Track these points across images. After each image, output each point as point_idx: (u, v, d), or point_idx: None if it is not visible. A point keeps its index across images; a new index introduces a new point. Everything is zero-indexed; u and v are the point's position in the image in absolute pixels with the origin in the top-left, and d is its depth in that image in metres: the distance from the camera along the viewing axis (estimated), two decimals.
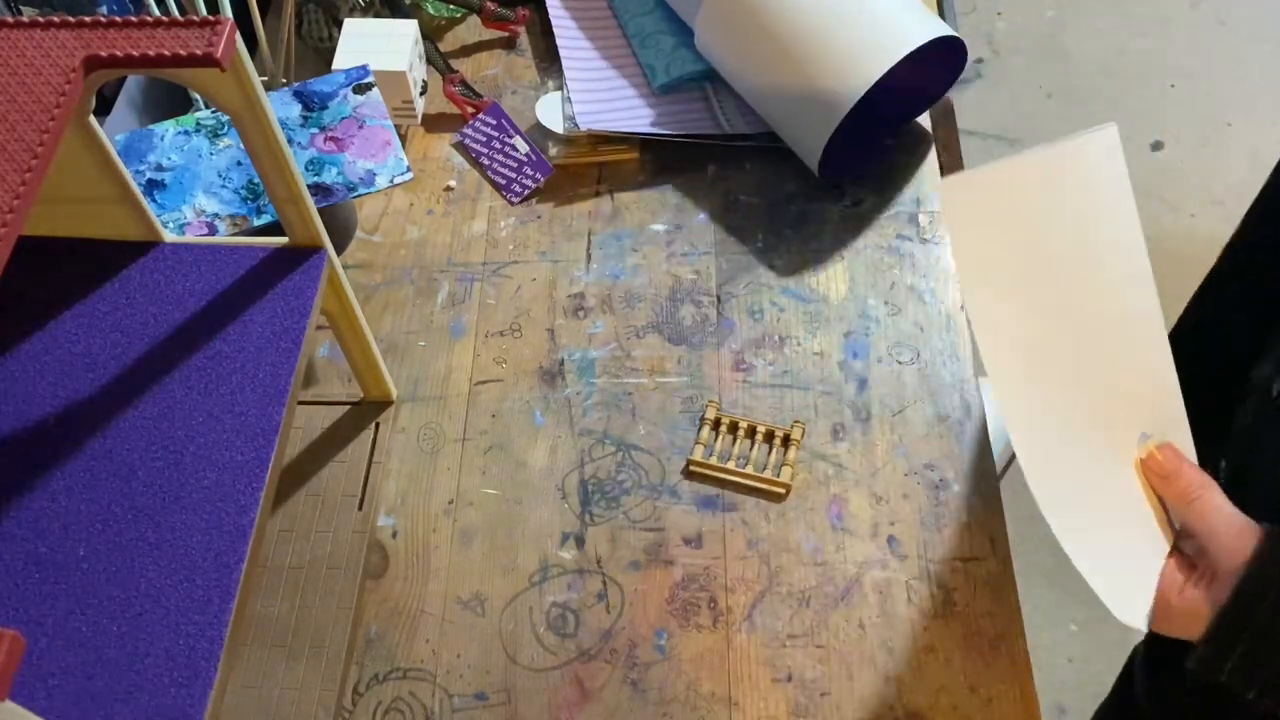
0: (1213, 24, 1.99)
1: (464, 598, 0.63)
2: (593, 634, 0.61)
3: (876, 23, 0.71)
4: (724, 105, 0.83)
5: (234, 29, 0.45)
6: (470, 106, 0.84)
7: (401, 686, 0.60)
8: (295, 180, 0.52)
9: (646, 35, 0.86)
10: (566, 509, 0.66)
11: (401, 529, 0.65)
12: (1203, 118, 1.86)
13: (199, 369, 0.53)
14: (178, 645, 0.45)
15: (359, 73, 0.71)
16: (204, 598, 0.47)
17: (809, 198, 0.79)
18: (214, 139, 0.68)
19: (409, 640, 0.61)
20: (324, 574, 0.63)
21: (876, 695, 0.58)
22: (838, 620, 0.61)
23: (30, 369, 0.53)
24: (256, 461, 0.50)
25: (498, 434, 0.69)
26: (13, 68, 0.43)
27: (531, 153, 0.81)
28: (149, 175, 0.66)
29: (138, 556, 0.47)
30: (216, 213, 0.65)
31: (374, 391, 0.69)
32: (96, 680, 0.44)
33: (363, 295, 0.75)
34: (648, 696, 0.59)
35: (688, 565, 0.63)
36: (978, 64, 1.94)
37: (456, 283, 0.76)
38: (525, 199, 0.80)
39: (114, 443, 0.51)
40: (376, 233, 0.79)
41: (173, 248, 0.57)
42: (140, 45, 0.44)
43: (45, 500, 0.49)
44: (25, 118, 0.41)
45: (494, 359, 0.72)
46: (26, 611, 0.46)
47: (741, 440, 0.67)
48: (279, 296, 0.55)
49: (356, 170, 0.68)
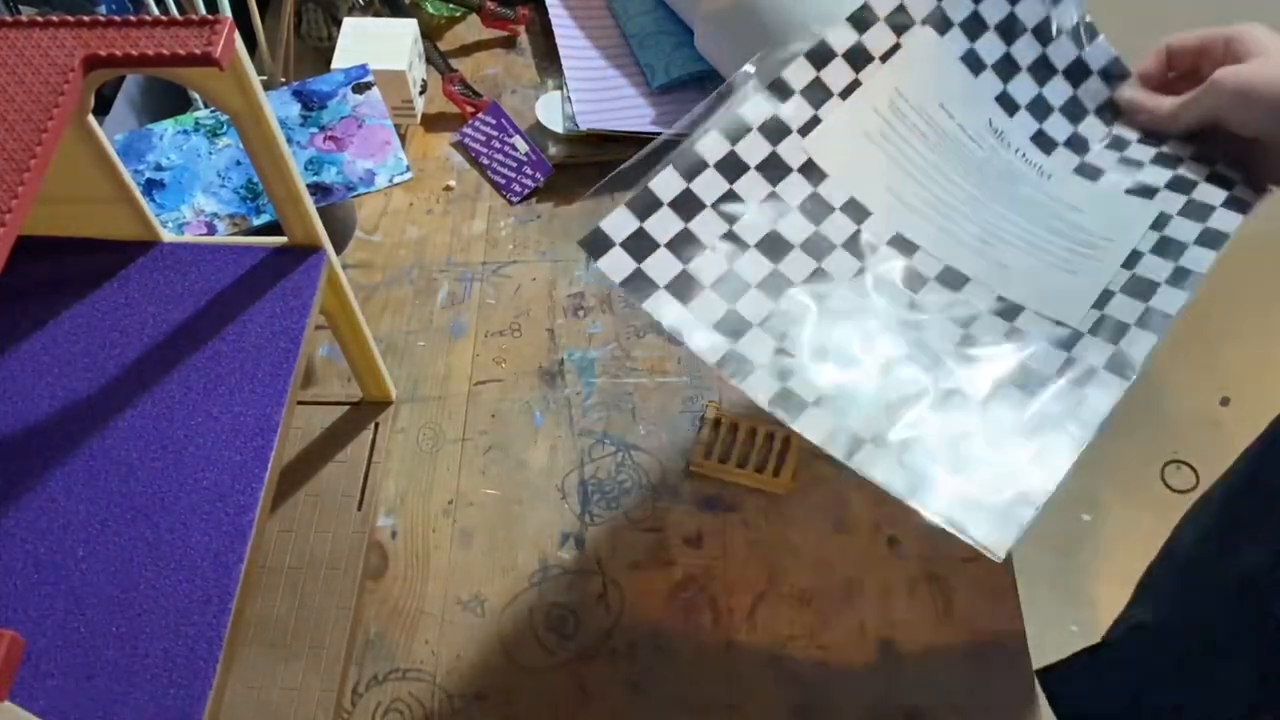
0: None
1: (464, 598, 0.63)
2: (593, 634, 0.61)
3: None
4: None
5: (233, 28, 0.45)
6: (470, 106, 0.84)
7: (401, 687, 0.60)
8: (294, 180, 0.52)
9: (646, 35, 0.86)
10: (566, 509, 0.66)
11: (401, 529, 0.65)
12: None
13: (198, 369, 0.53)
14: (177, 645, 0.45)
15: (358, 72, 0.71)
16: (203, 598, 0.46)
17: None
18: (213, 138, 0.68)
19: (408, 641, 0.61)
20: (323, 574, 0.63)
21: (876, 696, 0.58)
22: (838, 620, 0.61)
23: (29, 369, 0.53)
24: (256, 461, 0.50)
25: (497, 434, 0.69)
26: (11, 67, 0.43)
27: (531, 152, 0.81)
28: (148, 175, 0.66)
29: (137, 557, 0.47)
30: (215, 212, 0.65)
31: (373, 391, 0.69)
32: (96, 680, 0.44)
33: (362, 295, 0.75)
34: (648, 697, 0.59)
35: (688, 565, 0.63)
36: None
37: (456, 282, 0.76)
38: (525, 199, 0.80)
39: (113, 443, 0.51)
40: (376, 232, 0.79)
41: (171, 247, 0.57)
42: (139, 45, 0.44)
43: (44, 500, 0.49)
44: (24, 117, 0.41)
45: (494, 359, 0.72)
46: (26, 611, 0.46)
47: (742, 440, 0.67)
48: (278, 296, 0.55)
49: (356, 170, 0.67)
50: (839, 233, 0.55)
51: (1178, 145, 0.61)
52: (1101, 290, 0.54)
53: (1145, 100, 0.62)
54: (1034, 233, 0.57)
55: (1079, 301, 0.54)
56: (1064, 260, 0.56)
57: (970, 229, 0.57)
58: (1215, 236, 0.55)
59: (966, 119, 0.61)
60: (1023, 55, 0.63)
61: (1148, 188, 0.59)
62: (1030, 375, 0.50)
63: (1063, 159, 0.62)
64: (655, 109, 0.82)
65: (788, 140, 0.57)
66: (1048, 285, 0.55)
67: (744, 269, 0.53)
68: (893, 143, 0.59)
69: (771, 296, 0.53)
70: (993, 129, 0.61)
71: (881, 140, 0.58)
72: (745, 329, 0.51)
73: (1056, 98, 0.63)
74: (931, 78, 0.61)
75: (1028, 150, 0.62)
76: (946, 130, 0.60)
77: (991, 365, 0.51)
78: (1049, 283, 0.55)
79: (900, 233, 0.56)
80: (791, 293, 0.53)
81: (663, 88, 0.83)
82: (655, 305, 0.51)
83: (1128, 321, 0.52)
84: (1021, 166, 0.61)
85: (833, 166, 0.57)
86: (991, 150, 0.60)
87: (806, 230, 0.55)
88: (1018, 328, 0.53)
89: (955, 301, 0.54)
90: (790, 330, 0.52)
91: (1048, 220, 0.58)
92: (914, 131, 0.59)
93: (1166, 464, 1.52)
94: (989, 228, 0.57)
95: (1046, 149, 0.62)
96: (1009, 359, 0.51)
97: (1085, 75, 0.64)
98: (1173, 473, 1.51)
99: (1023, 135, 0.62)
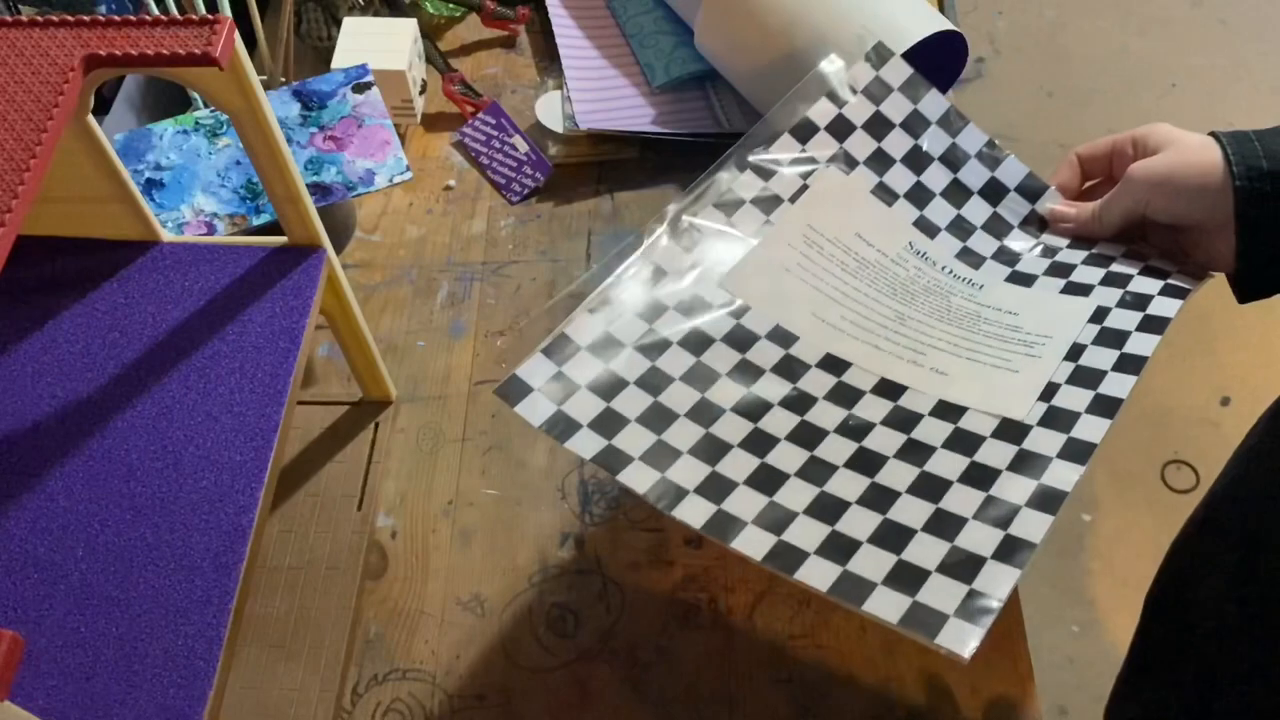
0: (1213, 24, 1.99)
1: (463, 598, 0.63)
2: (593, 634, 0.61)
3: (878, 18, 0.71)
4: (724, 105, 0.83)
5: (233, 28, 0.45)
6: (470, 106, 0.84)
7: (400, 687, 0.60)
8: (294, 180, 0.52)
9: (646, 35, 0.86)
10: (566, 509, 0.66)
11: (401, 529, 0.65)
12: (1203, 118, 1.85)
13: (198, 369, 0.53)
14: (177, 645, 0.45)
15: (358, 72, 0.71)
16: (203, 598, 0.46)
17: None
18: (213, 138, 0.68)
19: (408, 641, 0.61)
20: (323, 574, 0.63)
21: (877, 696, 0.58)
22: (838, 621, 0.61)
23: (28, 368, 0.53)
24: (255, 461, 0.50)
25: (497, 434, 0.69)
26: (11, 67, 0.43)
27: (531, 152, 0.81)
28: (147, 174, 0.66)
29: (137, 557, 0.47)
30: (215, 212, 0.65)
31: (373, 391, 0.69)
32: (96, 680, 0.44)
33: (362, 295, 0.75)
34: (648, 697, 0.59)
35: (688, 566, 0.63)
36: (978, 63, 1.94)
37: (456, 282, 0.76)
38: (525, 198, 0.80)
39: (113, 443, 0.50)
40: (376, 232, 0.79)
41: (171, 247, 0.57)
42: (139, 44, 0.44)
43: (44, 500, 0.49)
44: (24, 117, 0.41)
45: (494, 359, 0.72)
46: (26, 611, 0.46)
47: None
48: (278, 296, 0.55)
49: (355, 169, 0.67)
50: (766, 359, 0.56)
51: (1108, 246, 0.61)
52: (1046, 383, 0.53)
53: (1067, 209, 0.63)
54: (970, 339, 0.57)
55: (1024, 396, 0.53)
56: (1004, 360, 0.55)
57: (902, 343, 0.57)
58: (1157, 323, 0.55)
59: (886, 245, 0.61)
60: (934, 182, 0.64)
61: (1082, 286, 0.59)
62: (983, 470, 0.49)
63: (992, 270, 0.62)
64: (655, 109, 0.82)
65: (705, 280, 0.58)
66: (990, 385, 0.54)
67: (671, 400, 0.53)
68: (811, 273, 0.59)
69: (701, 423, 0.52)
70: (914, 250, 0.61)
71: (800, 271, 0.59)
72: (674, 458, 0.51)
73: (976, 217, 0.64)
74: (844, 211, 0.62)
75: (955, 266, 0.62)
76: (866, 257, 0.60)
77: (939, 464, 0.50)
78: (991, 383, 0.54)
79: (830, 353, 0.56)
80: (722, 419, 0.53)
81: (663, 88, 0.83)
82: (579, 444, 0.50)
83: (1078, 410, 0.51)
84: (950, 281, 0.61)
85: (754, 299, 0.58)
86: (917, 270, 0.60)
87: (733, 358, 0.55)
88: (963, 427, 0.52)
89: (895, 408, 0.54)
90: (721, 454, 0.51)
91: (983, 326, 0.58)
92: (832, 261, 0.60)
93: (1166, 464, 1.52)
94: (921, 340, 0.57)
95: (975, 264, 0.62)
96: (958, 459, 0.51)
97: (1003, 193, 0.65)
98: (1173, 473, 1.51)
99: (947, 254, 0.62)
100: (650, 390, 0.53)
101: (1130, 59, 1.95)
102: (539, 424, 0.51)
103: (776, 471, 0.51)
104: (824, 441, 0.52)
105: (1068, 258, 0.61)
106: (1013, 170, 0.65)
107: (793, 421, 0.53)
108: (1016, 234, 0.64)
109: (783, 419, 0.53)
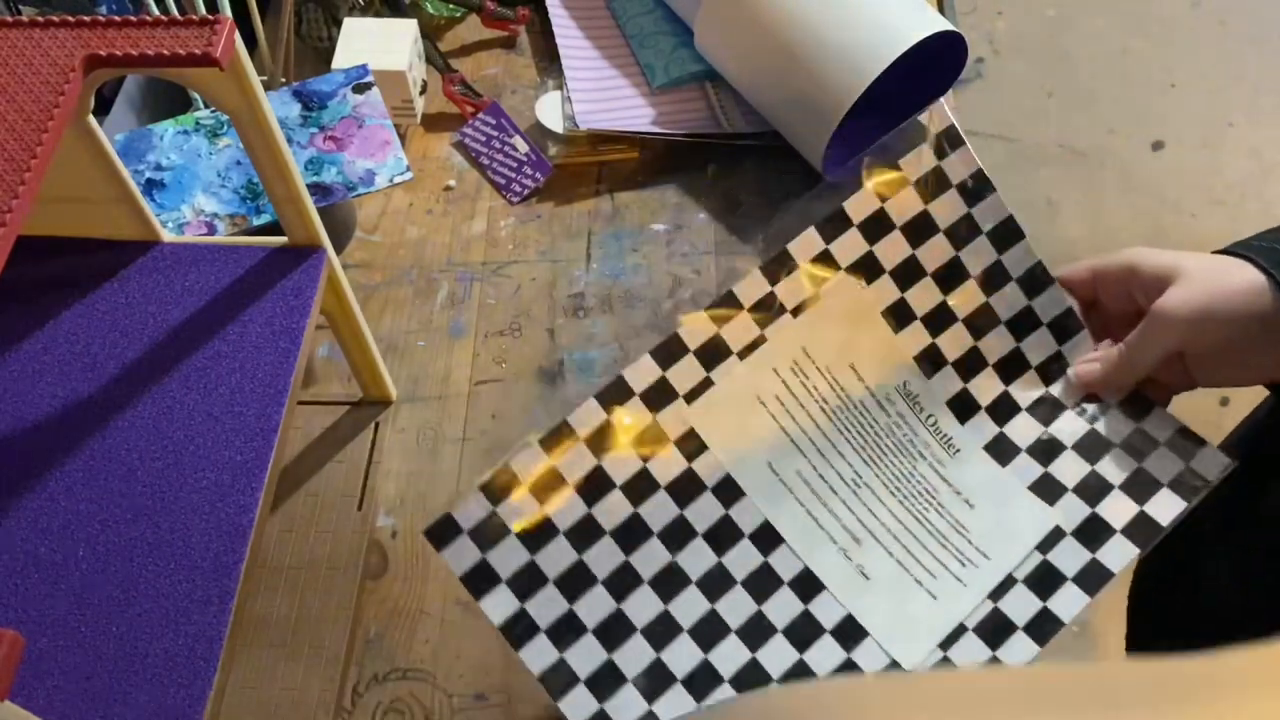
0: (1213, 24, 1.99)
1: (463, 598, 0.63)
2: None
3: (878, 18, 0.71)
4: (724, 105, 0.83)
5: (233, 28, 0.45)
6: (470, 106, 0.84)
7: (401, 687, 0.60)
8: (294, 180, 0.52)
9: (646, 35, 0.86)
10: None
11: (401, 529, 0.65)
12: (1203, 118, 1.86)
13: (198, 369, 0.53)
14: (177, 645, 0.45)
15: (358, 72, 0.71)
16: (203, 598, 0.46)
17: (810, 197, 0.79)
18: (213, 138, 0.68)
19: (408, 641, 0.61)
20: (323, 574, 0.63)
21: None
22: None
23: (29, 368, 0.53)
24: (255, 461, 0.50)
25: (498, 434, 0.69)
26: (12, 67, 0.43)
27: (531, 152, 0.81)
28: (148, 175, 0.66)
29: (137, 556, 0.47)
30: (215, 212, 0.65)
31: (373, 391, 0.69)
32: (96, 680, 0.44)
33: (362, 295, 0.75)
34: None
35: None
36: (978, 63, 1.94)
37: (456, 282, 0.76)
38: (525, 199, 0.80)
39: (113, 442, 0.51)
40: (376, 232, 0.79)
41: (171, 247, 0.57)
42: (139, 45, 0.44)
43: (44, 500, 0.49)
44: (24, 117, 0.41)
45: (494, 359, 0.72)
46: (26, 611, 0.46)
47: None
48: (278, 296, 0.55)
49: (356, 170, 0.67)
50: (704, 518, 0.52)
51: (1119, 420, 0.55)
52: (955, 626, 0.51)
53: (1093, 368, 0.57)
54: (911, 532, 0.53)
55: (925, 640, 0.50)
56: (930, 576, 0.52)
57: (845, 520, 0.53)
58: (1097, 576, 0.51)
59: (877, 382, 0.56)
60: (961, 306, 0.56)
61: (1055, 486, 0.54)
62: None
63: (977, 430, 0.56)
64: (655, 109, 0.82)
65: (670, 408, 0.52)
66: (900, 612, 0.51)
67: (595, 560, 0.50)
68: (787, 407, 0.54)
69: (615, 595, 0.50)
70: (905, 392, 0.56)
71: (775, 405, 0.54)
72: (577, 636, 0.48)
73: (992, 352, 0.57)
74: (846, 333, 0.55)
75: (940, 417, 0.56)
76: (851, 395, 0.55)
77: None
78: (903, 610, 0.51)
79: (768, 521, 0.52)
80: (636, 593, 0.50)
81: (663, 87, 0.83)
82: (490, 604, 0.48)
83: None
84: (926, 438, 0.55)
85: (714, 438, 0.53)
86: (898, 417, 0.55)
87: (670, 513, 0.51)
88: (854, 659, 0.50)
89: (804, 614, 0.51)
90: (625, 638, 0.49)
91: (931, 517, 0.54)
92: (813, 396, 0.54)
93: None
94: (864, 521, 0.53)
95: (964, 415, 0.56)
96: None
97: (1034, 327, 0.57)
98: None
99: (939, 400, 0.56)
100: (575, 548, 0.50)
101: (1130, 59, 1.95)
102: (460, 574, 0.49)
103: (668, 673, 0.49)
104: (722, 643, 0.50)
105: (1062, 431, 0.56)
106: (1053, 301, 0.57)
107: (702, 609, 0.50)
108: (1029, 378, 0.57)
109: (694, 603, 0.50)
